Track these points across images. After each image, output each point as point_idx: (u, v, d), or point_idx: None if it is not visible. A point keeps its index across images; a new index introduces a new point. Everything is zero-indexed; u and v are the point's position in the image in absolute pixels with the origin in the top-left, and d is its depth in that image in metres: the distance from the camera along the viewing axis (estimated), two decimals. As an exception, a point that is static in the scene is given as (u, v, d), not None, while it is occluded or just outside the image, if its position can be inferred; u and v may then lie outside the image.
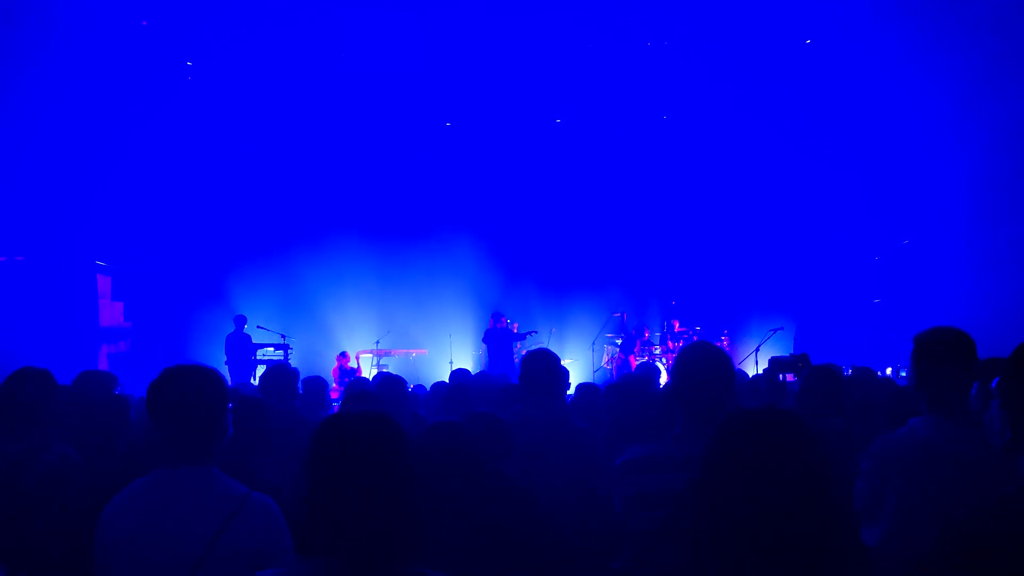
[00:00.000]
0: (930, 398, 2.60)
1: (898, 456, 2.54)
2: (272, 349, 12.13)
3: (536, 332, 12.44)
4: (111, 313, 12.61)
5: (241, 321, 12.16)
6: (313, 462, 1.61)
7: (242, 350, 11.95)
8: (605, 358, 13.22)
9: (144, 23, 10.62)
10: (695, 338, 12.45)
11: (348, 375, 11.67)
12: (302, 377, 5.03)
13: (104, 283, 12.43)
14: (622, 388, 4.32)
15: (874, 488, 2.58)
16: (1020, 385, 1.68)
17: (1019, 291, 10.31)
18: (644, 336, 13.01)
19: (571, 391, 4.82)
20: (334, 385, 10.87)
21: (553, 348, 4.38)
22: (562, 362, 3.82)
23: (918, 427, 2.60)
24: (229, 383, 2.67)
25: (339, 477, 1.58)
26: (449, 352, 12.81)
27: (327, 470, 1.60)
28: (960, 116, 11.04)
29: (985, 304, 10.59)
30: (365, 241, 13.62)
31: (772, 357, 4.87)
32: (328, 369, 11.77)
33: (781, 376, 4.72)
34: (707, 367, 2.45)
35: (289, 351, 12.17)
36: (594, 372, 12.57)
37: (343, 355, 12.24)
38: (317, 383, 5.18)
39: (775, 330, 10.98)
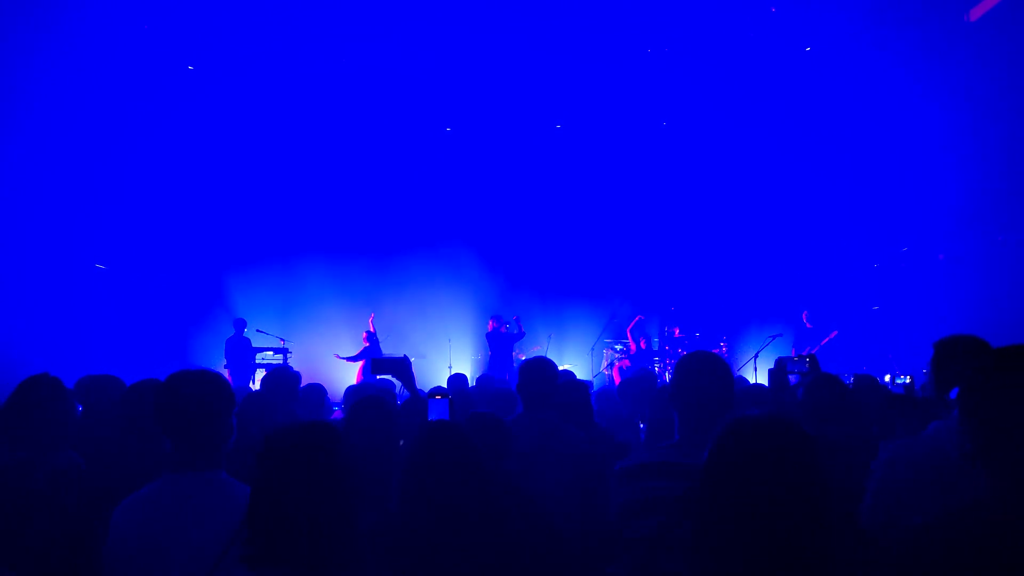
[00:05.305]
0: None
1: (919, 463, 2.41)
2: (271, 353, 12.16)
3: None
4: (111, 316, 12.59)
5: (241, 325, 12.18)
6: (254, 477, 1.67)
7: (242, 354, 11.97)
8: (604, 363, 13.22)
9: (145, 27, 10.65)
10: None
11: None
12: (302, 383, 5.04)
13: (103, 286, 12.42)
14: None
15: (889, 503, 2.39)
16: (988, 398, 1.61)
17: (1018, 297, 10.33)
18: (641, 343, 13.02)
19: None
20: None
21: (551, 354, 4.38)
22: (560, 367, 3.80)
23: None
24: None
25: (275, 490, 1.63)
26: (448, 357, 12.82)
27: (266, 483, 1.65)
28: (958, 123, 11.07)
29: (982, 310, 10.62)
30: (364, 245, 13.66)
31: (780, 357, 4.86)
32: (326, 372, 11.79)
33: (793, 379, 4.67)
34: (707, 376, 2.46)
35: (288, 355, 12.20)
36: (593, 377, 12.58)
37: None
38: (315, 390, 5.19)
39: (774, 336, 11.00)
